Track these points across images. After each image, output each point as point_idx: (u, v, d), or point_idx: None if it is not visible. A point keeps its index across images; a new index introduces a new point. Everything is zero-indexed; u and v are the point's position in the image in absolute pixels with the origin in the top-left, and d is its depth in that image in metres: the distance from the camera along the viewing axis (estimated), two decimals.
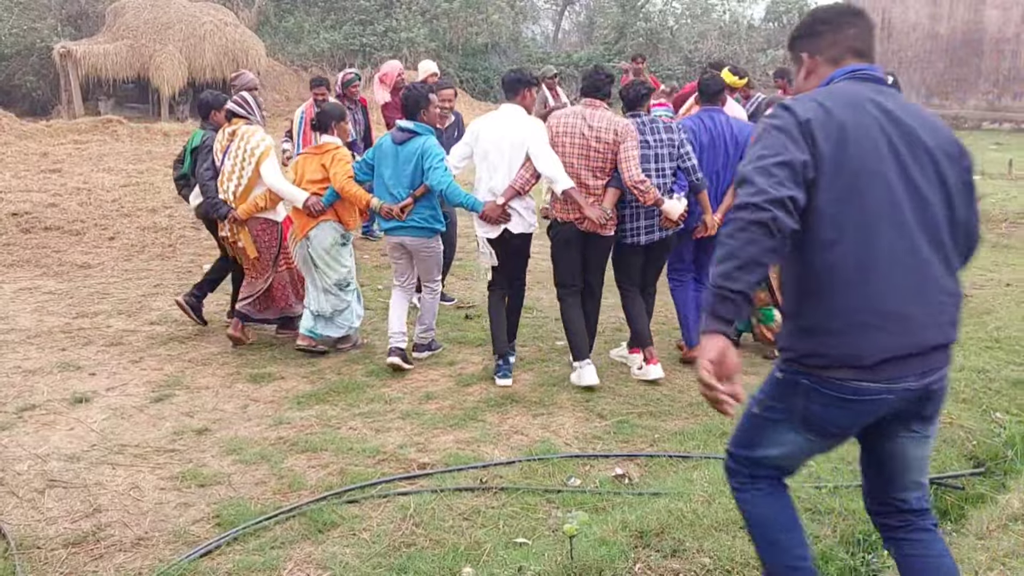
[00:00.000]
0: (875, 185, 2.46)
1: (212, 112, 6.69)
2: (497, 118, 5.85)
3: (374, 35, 26.18)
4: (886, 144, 2.49)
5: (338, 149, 6.22)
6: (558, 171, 5.58)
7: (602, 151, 5.61)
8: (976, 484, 4.29)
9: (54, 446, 4.85)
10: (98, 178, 12.81)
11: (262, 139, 6.31)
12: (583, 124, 5.63)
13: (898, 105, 2.56)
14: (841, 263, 2.45)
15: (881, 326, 2.45)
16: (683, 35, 30.55)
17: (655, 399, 5.66)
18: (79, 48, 20.53)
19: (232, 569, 3.64)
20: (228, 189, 6.33)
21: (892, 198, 2.46)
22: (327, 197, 6.13)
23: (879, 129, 2.49)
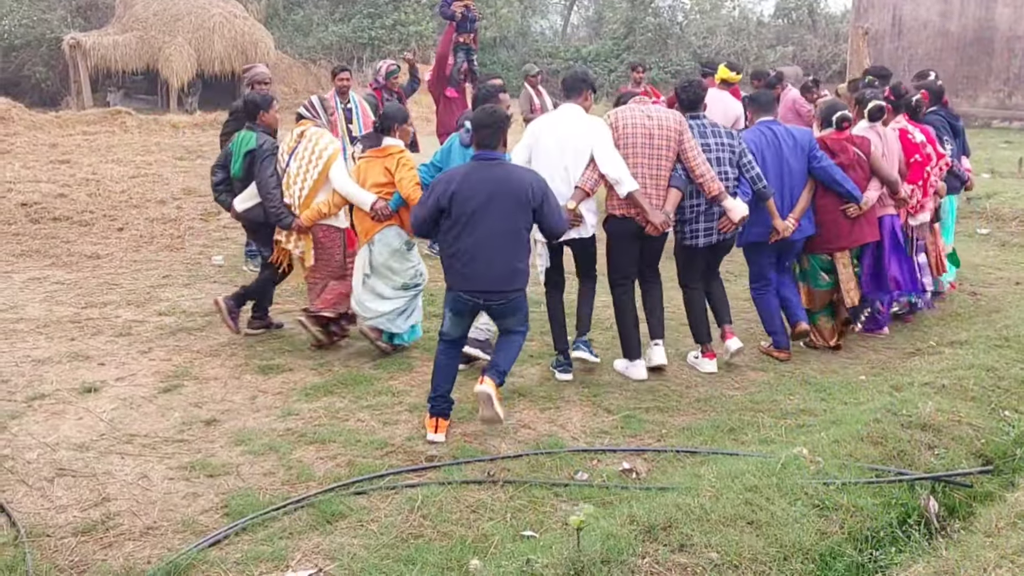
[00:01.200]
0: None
1: (260, 112, 6.43)
2: (558, 119, 5.71)
3: (383, 28, 26.19)
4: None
5: (402, 153, 6.03)
6: (623, 173, 5.49)
7: (665, 142, 5.58)
8: (985, 482, 4.28)
9: (63, 435, 4.87)
10: (107, 169, 12.85)
11: (330, 142, 6.16)
12: (643, 117, 5.64)
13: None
14: None
15: None
16: (692, 31, 30.47)
17: (663, 394, 5.66)
18: (88, 39, 20.57)
19: (240, 559, 3.66)
20: (293, 193, 6.12)
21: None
22: (394, 203, 5.92)
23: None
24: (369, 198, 5.95)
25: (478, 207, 4.76)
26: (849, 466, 4.18)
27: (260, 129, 6.37)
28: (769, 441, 4.82)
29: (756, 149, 6.05)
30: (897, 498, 3.99)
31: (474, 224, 4.77)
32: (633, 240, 5.75)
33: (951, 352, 6.17)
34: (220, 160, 6.61)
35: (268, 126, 6.42)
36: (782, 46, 29.60)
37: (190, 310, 7.17)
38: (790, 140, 6.16)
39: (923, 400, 4.93)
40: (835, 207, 6.27)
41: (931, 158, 6.90)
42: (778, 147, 6.13)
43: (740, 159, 5.89)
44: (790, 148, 6.14)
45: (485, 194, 4.77)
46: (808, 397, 5.60)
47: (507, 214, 4.80)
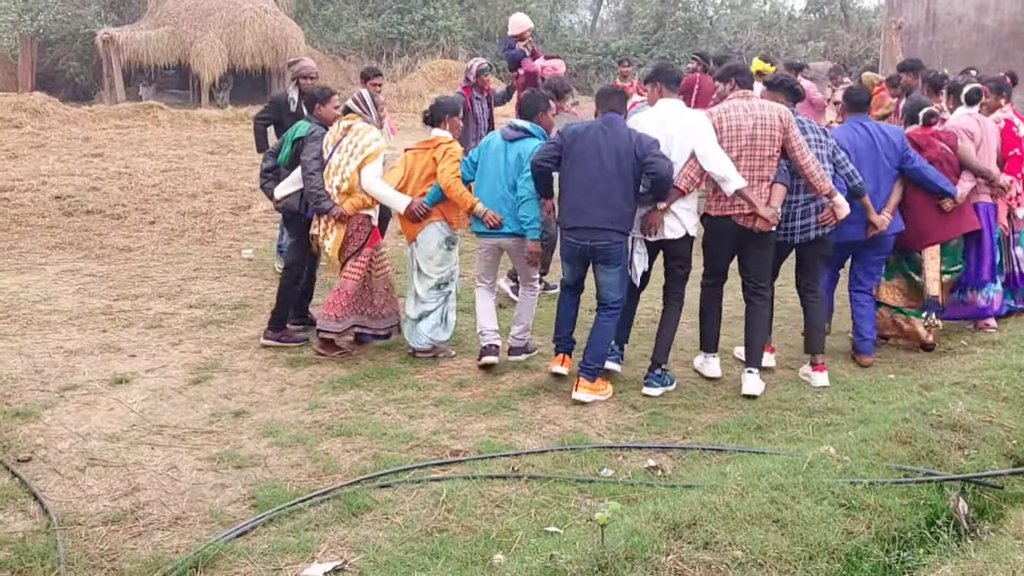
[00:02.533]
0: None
1: (317, 105, 6.39)
2: (662, 114, 5.57)
3: (412, 23, 26.23)
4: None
5: (451, 144, 6.00)
6: (729, 170, 5.37)
7: (768, 140, 5.47)
8: (1016, 484, 4.22)
9: (95, 425, 4.94)
10: (139, 163, 13.00)
11: (375, 139, 6.04)
12: (746, 114, 5.52)
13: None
14: None
15: None
16: (722, 25, 30.24)
17: (689, 392, 5.63)
18: (121, 34, 20.81)
19: (267, 550, 3.70)
20: (332, 183, 6.03)
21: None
22: (431, 197, 5.92)
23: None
24: (403, 200, 5.94)
25: (586, 151, 5.35)
26: (877, 466, 4.14)
27: (316, 121, 6.35)
28: (796, 440, 4.79)
29: (850, 146, 5.99)
30: (926, 499, 3.94)
31: (582, 167, 5.35)
32: (730, 241, 5.67)
33: (983, 352, 6.09)
34: (273, 148, 6.61)
35: (323, 119, 6.34)
36: (814, 41, 29.32)
37: (220, 303, 7.24)
38: (882, 137, 6.12)
39: (953, 400, 4.86)
40: (926, 204, 6.26)
41: None
42: (871, 144, 6.08)
43: (834, 155, 5.80)
44: (883, 145, 6.10)
45: (594, 141, 5.35)
46: (836, 396, 5.55)
47: (612, 159, 5.29)
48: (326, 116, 6.35)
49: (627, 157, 5.29)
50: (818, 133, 5.79)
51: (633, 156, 5.28)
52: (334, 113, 6.31)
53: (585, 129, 5.47)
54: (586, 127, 5.51)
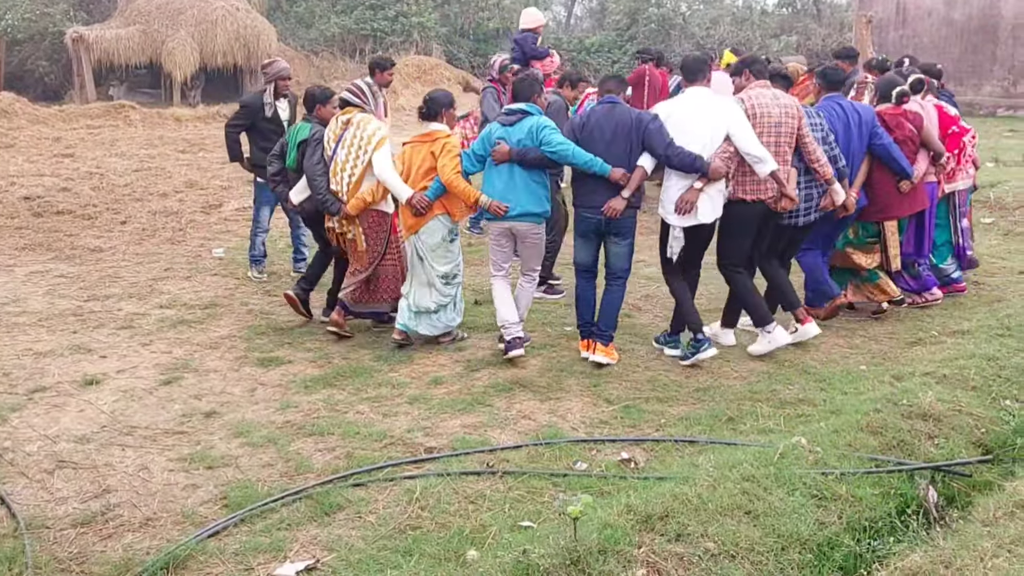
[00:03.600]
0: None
1: (318, 106, 6.42)
2: (691, 102, 5.75)
3: (385, 20, 26.09)
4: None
5: (449, 138, 6.03)
6: (765, 152, 5.65)
7: (789, 128, 5.83)
8: (984, 471, 4.27)
9: (64, 427, 4.88)
10: (110, 163, 12.87)
11: (378, 128, 6.11)
12: (773, 102, 5.84)
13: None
14: None
15: None
16: (695, 21, 30.32)
17: (662, 384, 5.65)
18: (91, 33, 20.56)
19: (239, 550, 3.67)
20: (341, 180, 6.08)
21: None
22: (433, 190, 5.93)
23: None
24: (407, 191, 5.95)
25: (593, 133, 5.68)
26: (848, 456, 4.18)
27: (316, 121, 6.35)
28: (768, 431, 4.81)
29: (828, 124, 6.26)
30: (896, 488, 3.98)
31: (592, 149, 5.63)
32: (757, 224, 5.94)
33: (953, 342, 6.15)
34: (277, 150, 6.60)
35: (324, 119, 6.34)
36: (786, 35, 29.45)
37: (191, 303, 7.18)
38: (856, 116, 6.44)
39: (924, 390, 4.91)
40: (888, 180, 6.62)
41: (967, 130, 7.36)
42: (846, 122, 6.39)
43: (826, 138, 6.13)
44: (856, 124, 6.42)
45: (599, 124, 5.70)
46: (808, 387, 5.59)
47: (616, 138, 5.63)
48: (326, 116, 6.35)
49: (630, 135, 5.63)
50: (814, 117, 6.14)
51: (634, 133, 5.62)
52: (335, 112, 6.34)
53: (589, 113, 5.83)
54: (589, 112, 5.86)
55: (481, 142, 6.01)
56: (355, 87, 6.32)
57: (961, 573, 3.10)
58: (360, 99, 6.25)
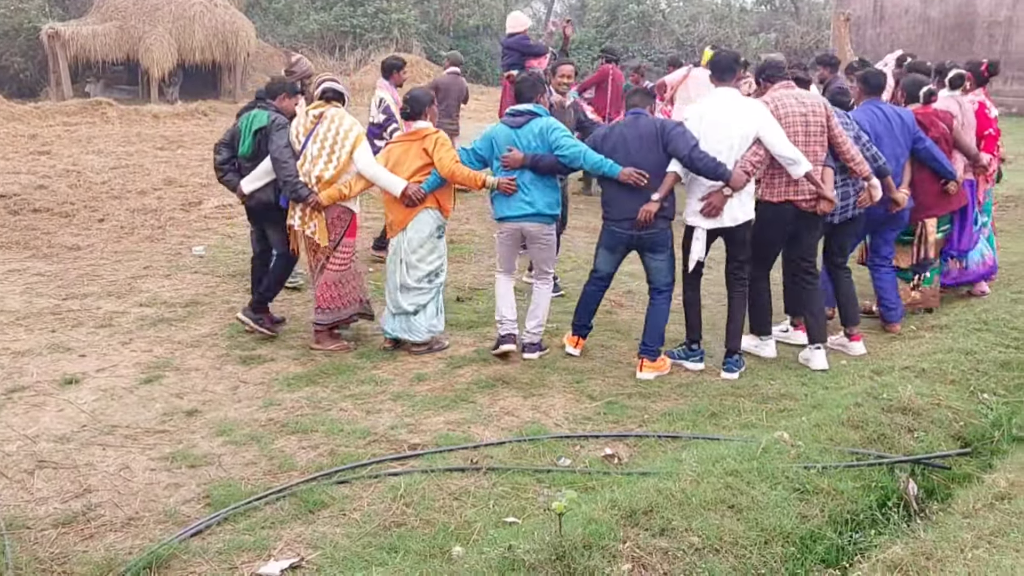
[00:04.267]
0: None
1: (283, 95, 6.28)
2: (721, 103, 5.68)
3: (364, 16, 26.01)
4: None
5: (438, 134, 6.01)
6: (798, 153, 5.58)
7: (819, 127, 5.77)
8: (963, 464, 4.33)
9: (44, 427, 4.84)
10: (87, 160, 12.74)
11: (354, 123, 6.03)
12: (798, 103, 5.80)
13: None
14: None
15: None
16: (675, 18, 30.45)
17: (645, 380, 5.67)
18: (67, 29, 20.35)
19: (222, 548, 3.65)
20: (311, 173, 5.93)
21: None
22: (429, 184, 5.92)
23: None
24: (399, 183, 5.91)
25: (616, 147, 5.65)
26: (830, 450, 4.21)
27: (273, 108, 6.22)
28: (750, 426, 4.85)
29: (870, 128, 6.31)
30: (877, 481, 4.02)
31: (616, 159, 5.59)
32: (785, 226, 5.86)
33: (931, 336, 6.22)
34: (225, 139, 6.37)
35: (286, 110, 6.26)
36: (765, 33, 29.65)
37: (171, 301, 7.13)
38: (897, 120, 6.51)
39: (903, 384, 4.96)
40: (930, 179, 6.72)
41: (1000, 132, 7.50)
42: (889, 126, 6.45)
43: (858, 138, 6.10)
44: (899, 127, 6.49)
45: (621, 136, 5.67)
46: (789, 382, 5.63)
47: (641, 151, 5.58)
48: (289, 108, 6.27)
49: (656, 143, 5.58)
50: (843, 117, 6.11)
51: (659, 142, 5.57)
52: (295, 106, 6.28)
53: (611, 128, 5.83)
54: (611, 126, 5.87)
55: (484, 141, 5.99)
56: (328, 86, 6.20)
57: (941, 565, 3.13)
58: (345, 96, 6.22)
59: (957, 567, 3.09)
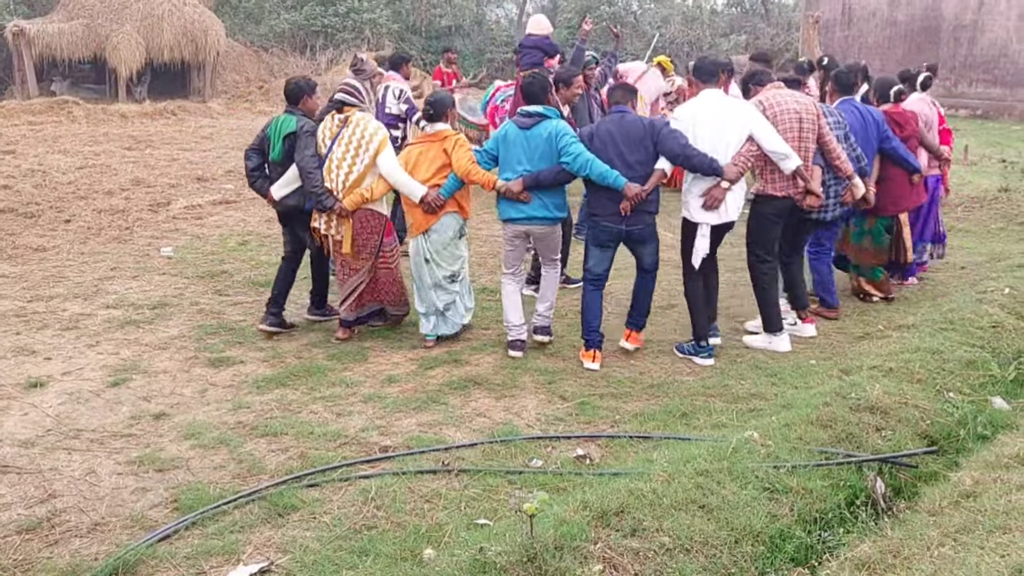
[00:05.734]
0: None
1: (305, 97, 6.24)
2: (710, 103, 5.82)
3: (336, 16, 25.88)
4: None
5: (458, 135, 6.08)
6: (788, 148, 5.83)
7: (811, 125, 6.05)
8: (929, 462, 4.37)
9: (7, 431, 4.76)
10: (53, 160, 12.58)
11: (378, 128, 6.06)
12: (792, 101, 6.05)
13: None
14: None
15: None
16: (647, 20, 30.59)
17: (616, 381, 5.69)
18: (33, 27, 20.07)
19: (191, 553, 3.61)
20: (337, 178, 5.97)
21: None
22: (447, 188, 5.95)
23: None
24: (420, 189, 5.94)
25: (604, 145, 5.70)
26: (799, 449, 4.24)
27: (299, 113, 6.20)
28: (721, 425, 4.87)
29: (850, 127, 6.58)
30: (845, 480, 4.05)
31: (604, 160, 5.64)
32: (783, 218, 6.15)
33: (898, 336, 6.28)
34: (255, 144, 6.34)
35: (310, 110, 6.26)
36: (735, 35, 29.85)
37: (138, 303, 7.04)
38: (870, 118, 6.83)
39: (871, 383, 5.01)
40: (900, 174, 7.08)
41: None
42: (863, 123, 6.75)
43: (847, 137, 6.42)
44: (871, 125, 6.80)
45: (609, 134, 5.72)
46: (759, 382, 5.67)
47: (629, 148, 5.66)
48: (312, 108, 6.28)
49: (644, 142, 5.67)
50: (835, 116, 6.43)
51: (648, 139, 5.67)
52: (318, 104, 6.33)
53: (597, 126, 5.86)
54: (598, 124, 5.92)
55: (494, 141, 6.03)
56: (351, 87, 6.21)
57: (908, 562, 3.17)
58: (357, 98, 6.17)
59: (924, 565, 3.12)
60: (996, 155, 14.16)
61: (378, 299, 6.38)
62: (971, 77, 21.69)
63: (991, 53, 21.38)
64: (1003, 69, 21.32)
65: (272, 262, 8.32)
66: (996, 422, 4.78)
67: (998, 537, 3.23)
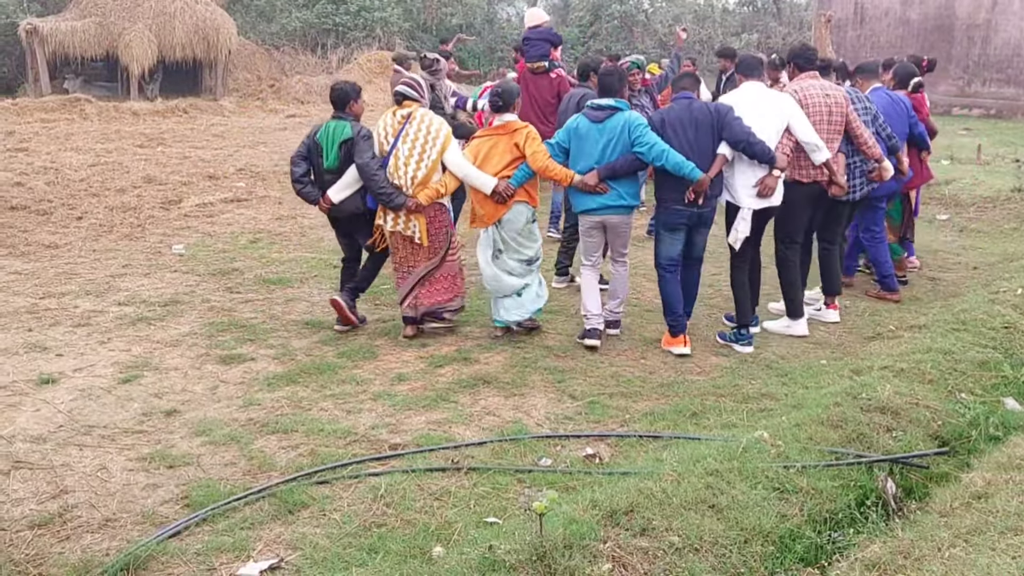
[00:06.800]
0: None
1: (351, 101, 6.20)
2: (752, 95, 6.06)
3: (347, 14, 25.93)
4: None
5: (528, 128, 6.10)
6: (820, 141, 6.11)
7: (839, 116, 6.31)
8: (941, 463, 4.36)
9: (20, 427, 4.79)
10: (66, 157, 12.64)
11: (442, 123, 6.11)
12: (822, 94, 6.29)
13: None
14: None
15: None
16: (658, 18, 30.55)
17: (626, 380, 5.68)
18: (46, 25, 20.16)
19: (201, 549, 3.63)
20: (405, 175, 5.99)
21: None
22: (517, 179, 6.00)
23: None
24: (490, 182, 5.98)
25: (676, 131, 5.84)
26: (809, 449, 4.23)
27: (350, 118, 6.19)
28: (731, 425, 4.86)
29: (883, 110, 6.93)
30: (856, 480, 4.04)
31: (677, 147, 5.79)
32: (812, 204, 6.41)
33: (910, 336, 6.26)
34: (301, 151, 6.27)
35: (357, 115, 6.25)
36: (747, 34, 29.77)
37: (150, 300, 7.07)
38: (901, 105, 7.28)
39: (882, 383, 4.99)
40: (913, 155, 7.58)
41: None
42: (895, 109, 7.14)
43: (876, 119, 6.74)
44: (901, 110, 7.23)
45: (680, 121, 5.86)
46: (770, 381, 5.65)
47: (698, 134, 5.83)
48: (359, 111, 6.29)
49: (712, 128, 5.87)
50: (863, 101, 6.74)
51: (715, 127, 5.86)
52: (364, 108, 6.37)
53: (668, 112, 5.99)
54: (668, 109, 6.06)
55: (565, 133, 6.09)
56: (413, 81, 6.26)
57: (919, 563, 3.15)
58: (418, 93, 6.19)
59: (934, 566, 3.10)
60: (1010, 155, 14.09)
61: (434, 299, 6.31)
62: (984, 77, 21.57)
63: (1004, 53, 21.26)
64: (1017, 68, 21.20)
65: (283, 259, 8.36)
66: (1008, 423, 4.75)
67: (1009, 538, 3.22)
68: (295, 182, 6.30)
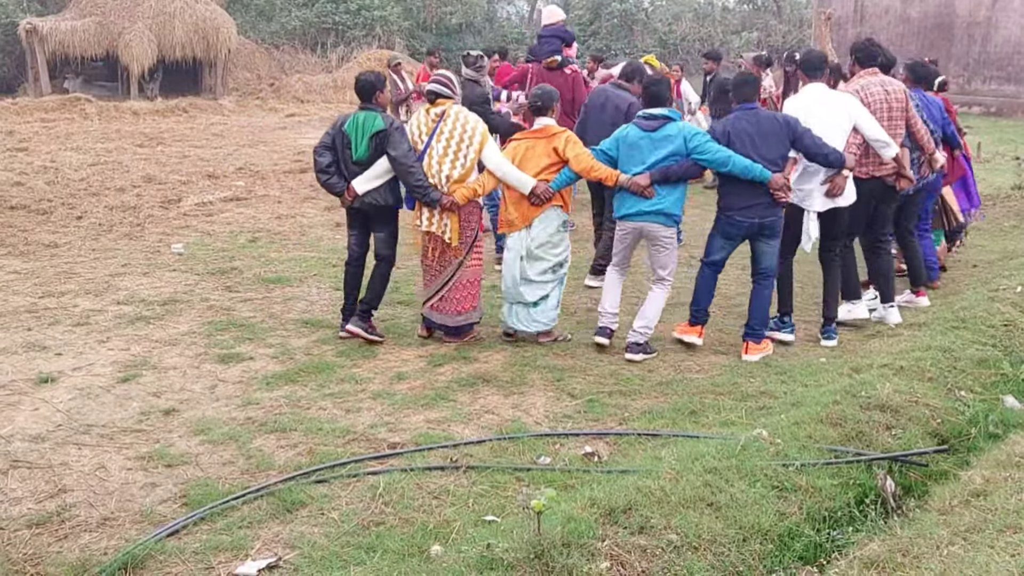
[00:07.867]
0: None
1: (377, 92, 6.06)
2: (819, 96, 6.15)
3: (347, 13, 25.92)
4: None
5: (567, 132, 6.05)
6: (888, 137, 6.17)
7: (900, 112, 6.44)
8: (940, 461, 4.35)
9: (18, 426, 4.78)
10: (65, 157, 12.64)
11: (477, 121, 6.01)
12: (883, 91, 6.40)
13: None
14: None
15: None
16: (658, 17, 30.55)
17: (625, 378, 5.68)
18: (45, 24, 20.17)
19: (199, 548, 3.62)
20: (440, 173, 5.91)
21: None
22: (559, 182, 5.96)
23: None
24: (529, 182, 5.93)
25: (740, 140, 5.84)
26: (808, 447, 4.23)
27: (379, 109, 6.06)
28: (730, 423, 4.86)
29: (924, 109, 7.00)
30: (855, 478, 4.04)
31: (746, 156, 5.77)
32: (872, 198, 6.47)
33: (909, 334, 6.25)
34: (326, 142, 6.11)
35: (382, 105, 6.16)
36: (747, 32, 29.76)
37: (149, 299, 7.07)
38: (934, 106, 7.35)
39: (882, 381, 4.99)
40: (948, 153, 7.62)
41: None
42: (929, 109, 7.15)
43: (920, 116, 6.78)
44: (937, 111, 7.30)
45: (745, 130, 5.86)
46: (769, 379, 5.65)
47: (765, 143, 5.83)
48: (384, 102, 6.23)
49: (782, 137, 5.88)
50: (915, 100, 6.80)
51: (785, 137, 5.88)
52: (388, 99, 6.31)
53: (733, 123, 5.95)
54: (733, 119, 6.01)
55: (613, 141, 6.05)
56: (445, 78, 6.16)
57: (918, 561, 3.15)
58: (451, 89, 6.11)
59: (933, 563, 3.10)
60: (1010, 153, 14.09)
61: (453, 308, 6.16)
62: (985, 74, 21.57)
63: (1005, 50, 21.25)
64: (1017, 66, 21.19)
65: (282, 258, 8.36)
66: (1007, 421, 4.75)
67: (1008, 536, 3.21)
68: (320, 172, 6.11)
